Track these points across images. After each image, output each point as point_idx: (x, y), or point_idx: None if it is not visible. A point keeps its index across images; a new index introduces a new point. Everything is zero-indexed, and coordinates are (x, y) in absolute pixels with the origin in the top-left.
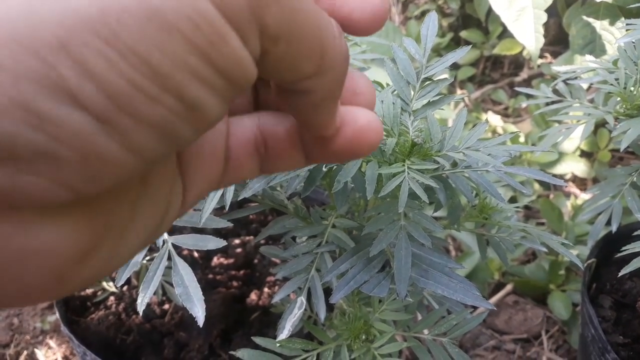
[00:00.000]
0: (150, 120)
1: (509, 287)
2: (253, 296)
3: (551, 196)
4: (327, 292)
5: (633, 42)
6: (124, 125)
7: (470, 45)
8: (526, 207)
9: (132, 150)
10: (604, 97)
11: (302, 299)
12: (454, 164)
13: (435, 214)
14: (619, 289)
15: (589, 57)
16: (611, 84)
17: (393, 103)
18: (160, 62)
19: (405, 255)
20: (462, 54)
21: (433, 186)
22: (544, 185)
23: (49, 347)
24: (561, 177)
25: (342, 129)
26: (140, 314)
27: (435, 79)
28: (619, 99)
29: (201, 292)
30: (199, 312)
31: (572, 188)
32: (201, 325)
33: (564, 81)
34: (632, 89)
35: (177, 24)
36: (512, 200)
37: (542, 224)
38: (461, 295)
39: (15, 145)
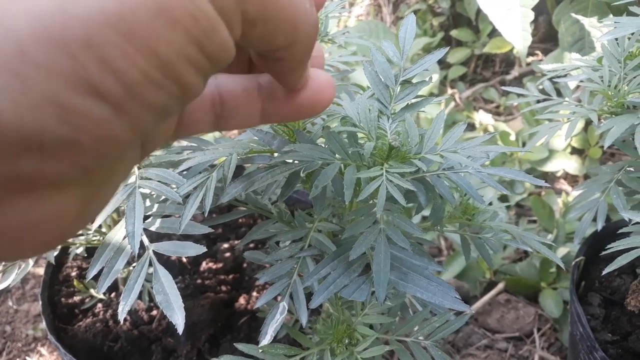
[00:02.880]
0: (155, 104)
1: (500, 286)
2: (242, 300)
3: (542, 194)
4: (311, 296)
5: (616, 40)
6: (135, 111)
7: (448, 48)
8: (518, 205)
9: (136, 131)
10: (589, 95)
11: (284, 304)
12: (436, 166)
13: (422, 214)
14: (608, 287)
15: (574, 55)
16: (595, 82)
17: (370, 107)
18: (166, 53)
19: (384, 259)
20: (440, 56)
21: (413, 189)
22: None
23: (41, 355)
24: (552, 174)
25: (308, 84)
26: (121, 322)
27: (414, 81)
28: (603, 96)
29: (181, 300)
30: (179, 320)
31: (564, 185)
32: (181, 333)
33: (551, 79)
34: (615, 86)
35: (181, 19)
36: (503, 198)
37: (534, 221)
38: (440, 298)
39: (44, 137)
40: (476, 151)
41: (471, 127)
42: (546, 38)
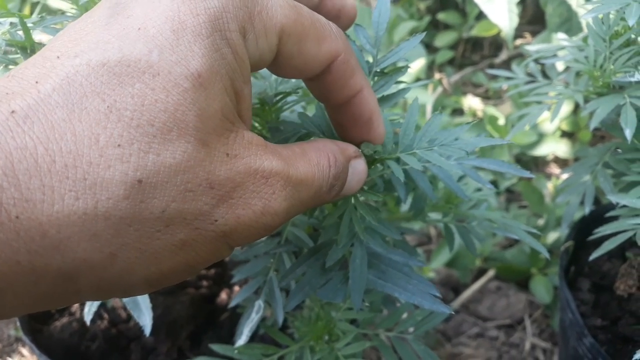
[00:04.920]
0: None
1: (491, 273)
2: (223, 296)
3: (533, 178)
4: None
5: (601, 18)
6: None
7: (424, 34)
8: (508, 191)
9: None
10: (575, 76)
11: (259, 303)
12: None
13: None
14: (598, 271)
15: (560, 35)
16: (581, 63)
17: None
18: None
19: (360, 265)
20: (416, 43)
21: (379, 199)
22: (525, 166)
23: (22, 355)
24: (543, 158)
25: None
26: (88, 323)
27: (388, 72)
28: (589, 77)
29: (149, 300)
30: (147, 321)
31: (554, 169)
32: (148, 335)
33: (537, 61)
34: (601, 66)
35: None
36: (493, 184)
37: (525, 207)
38: (418, 298)
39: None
40: (453, 149)
41: (460, 111)
42: (534, 20)
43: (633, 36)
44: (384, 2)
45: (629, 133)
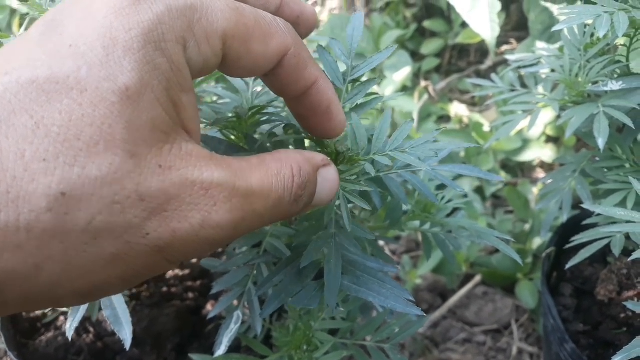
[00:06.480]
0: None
1: (477, 278)
2: (209, 307)
3: (518, 184)
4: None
5: (575, 28)
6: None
7: (396, 47)
8: (494, 196)
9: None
10: (552, 85)
11: (238, 313)
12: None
13: None
14: (580, 276)
15: (540, 44)
16: (557, 72)
17: None
18: None
19: (335, 266)
20: (386, 56)
21: (368, 190)
22: (511, 172)
23: None
24: (529, 164)
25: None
26: (70, 339)
27: (363, 80)
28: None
29: (129, 314)
30: (127, 335)
31: (541, 174)
32: (128, 349)
33: (519, 69)
34: (576, 75)
35: None
36: (479, 190)
37: (511, 212)
38: (392, 302)
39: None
40: (424, 150)
41: (446, 119)
42: (519, 26)
43: (609, 42)
44: (358, 17)
45: (601, 142)
